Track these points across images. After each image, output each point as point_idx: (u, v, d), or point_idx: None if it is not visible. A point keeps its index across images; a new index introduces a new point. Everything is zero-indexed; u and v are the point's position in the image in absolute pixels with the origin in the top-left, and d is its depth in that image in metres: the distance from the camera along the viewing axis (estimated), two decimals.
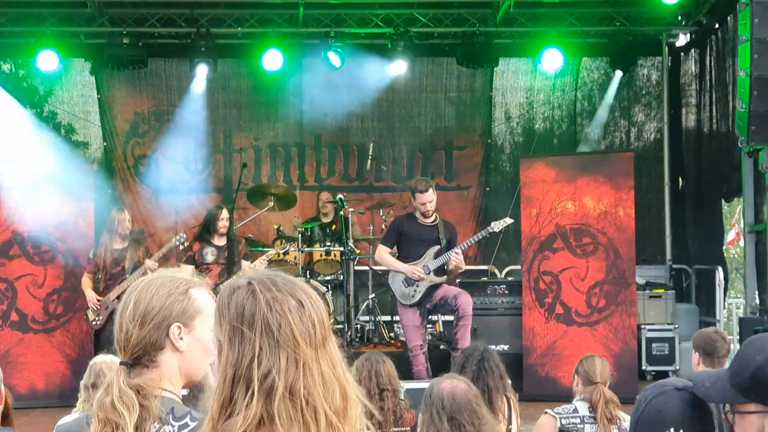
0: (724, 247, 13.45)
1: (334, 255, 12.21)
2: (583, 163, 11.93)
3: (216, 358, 2.21)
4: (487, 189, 14.97)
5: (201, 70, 13.74)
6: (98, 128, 14.72)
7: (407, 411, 5.79)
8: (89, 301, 10.83)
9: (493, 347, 6.93)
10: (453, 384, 4.58)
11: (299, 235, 12.21)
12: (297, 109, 14.82)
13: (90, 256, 10.98)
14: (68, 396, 5.58)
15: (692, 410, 2.72)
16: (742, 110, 9.87)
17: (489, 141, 15.01)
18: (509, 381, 6.35)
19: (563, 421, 5.87)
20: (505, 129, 15.06)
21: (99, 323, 10.76)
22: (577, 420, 5.87)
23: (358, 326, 12.08)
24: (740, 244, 12.44)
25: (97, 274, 10.91)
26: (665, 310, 12.30)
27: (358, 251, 12.21)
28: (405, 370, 9.41)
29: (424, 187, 10.22)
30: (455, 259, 10.10)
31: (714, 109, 13.49)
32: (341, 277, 12.19)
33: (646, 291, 12.29)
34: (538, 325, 11.45)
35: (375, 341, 11.95)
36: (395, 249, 10.45)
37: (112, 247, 10.86)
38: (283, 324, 2.13)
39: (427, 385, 4.78)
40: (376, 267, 12.05)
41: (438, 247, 10.18)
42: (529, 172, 11.82)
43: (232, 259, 10.90)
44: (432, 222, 10.26)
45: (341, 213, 12.08)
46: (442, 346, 11.56)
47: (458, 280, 11.09)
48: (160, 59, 14.38)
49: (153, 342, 2.86)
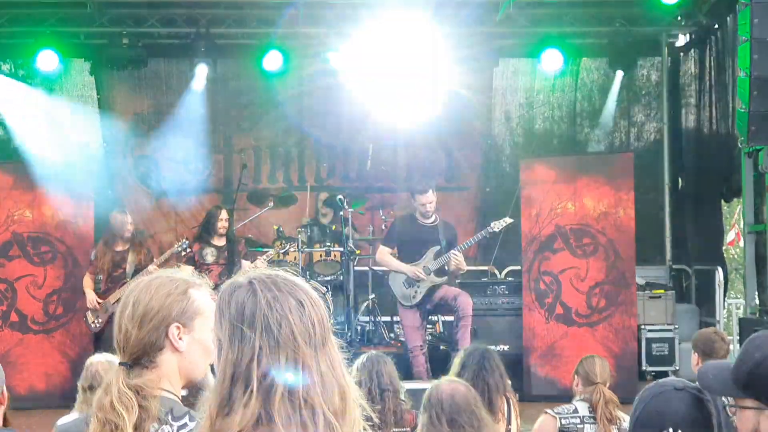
0: (724, 248, 13.45)
1: (334, 255, 12.20)
2: (583, 163, 11.94)
3: (216, 357, 2.21)
4: (487, 189, 14.96)
5: (201, 70, 13.73)
6: (98, 128, 14.69)
7: (407, 412, 5.79)
8: (89, 303, 10.81)
9: (493, 347, 6.93)
10: (453, 386, 4.59)
11: (299, 236, 12.19)
12: (297, 110, 14.80)
13: (91, 258, 10.98)
14: (69, 396, 5.59)
15: (691, 410, 2.73)
16: (742, 110, 9.87)
17: (489, 141, 15.00)
18: (509, 381, 6.35)
19: (563, 421, 5.87)
20: (505, 129, 15.05)
21: (98, 326, 10.73)
22: (577, 420, 5.87)
23: (358, 327, 12.07)
24: (740, 244, 12.44)
25: (98, 276, 10.90)
26: (665, 310, 12.30)
27: (358, 252, 12.20)
28: (405, 371, 9.41)
29: (423, 188, 10.23)
30: (455, 260, 10.10)
31: (714, 109, 13.48)
32: (341, 278, 12.18)
33: (646, 291, 12.29)
34: (538, 325, 11.45)
35: (375, 342, 11.95)
36: (396, 250, 10.46)
37: (113, 249, 10.85)
38: (283, 324, 2.13)
39: (427, 385, 4.79)
40: (376, 267, 12.05)
41: (438, 247, 10.18)
42: (529, 173, 11.82)
43: (232, 260, 10.89)
44: (432, 223, 10.26)
45: (341, 213, 12.08)
46: (442, 347, 11.56)
47: (458, 281, 11.09)
48: (159, 59, 14.36)
49: (152, 342, 2.86)
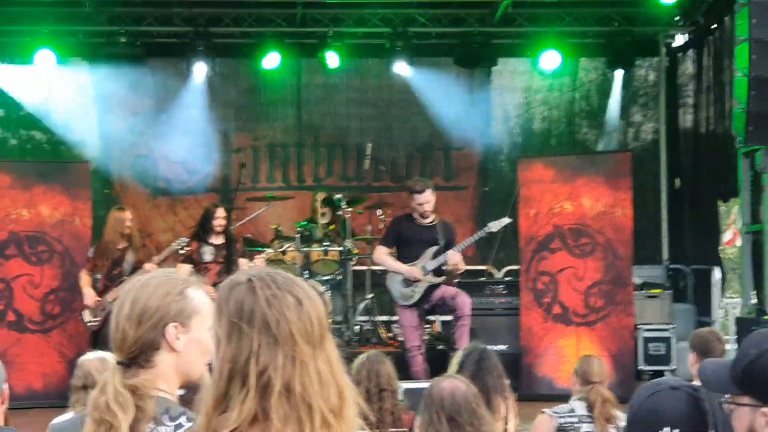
0: (721, 247, 13.45)
1: (333, 255, 12.20)
2: (581, 163, 11.94)
3: (214, 353, 2.20)
4: (485, 189, 14.97)
5: (199, 69, 13.73)
6: (95, 128, 14.68)
7: (405, 412, 5.79)
8: (87, 300, 10.77)
9: (491, 347, 6.93)
10: (453, 384, 4.59)
11: (297, 235, 12.18)
12: (295, 109, 14.82)
13: (89, 255, 10.96)
14: (66, 396, 5.59)
15: (687, 409, 2.74)
16: (739, 111, 9.87)
17: (487, 141, 15.00)
18: (507, 381, 6.36)
19: (560, 421, 5.88)
20: (503, 129, 15.05)
21: (96, 325, 10.70)
22: (575, 419, 5.88)
23: (357, 326, 12.08)
24: (737, 244, 12.45)
25: (96, 274, 10.88)
26: (662, 310, 12.30)
27: (356, 251, 12.20)
28: (403, 371, 9.40)
29: (420, 187, 10.23)
30: (453, 260, 10.10)
31: (711, 109, 13.49)
32: (339, 277, 12.19)
33: (644, 291, 12.29)
34: (536, 325, 11.46)
35: (373, 341, 11.95)
36: (394, 249, 10.46)
37: (113, 247, 10.83)
38: (281, 321, 2.13)
39: (425, 385, 4.79)
40: (374, 267, 12.05)
41: (436, 247, 10.18)
42: (527, 173, 11.83)
43: (231, 258, 10.88)
44: (430, 222, 10.26)
45: (339, 213, 12.08)
46: (440, 346, 11.56)
47: (456, 280, 11.09)
48: (157, 58, 14.34)
49: (149, 342, 2.86)
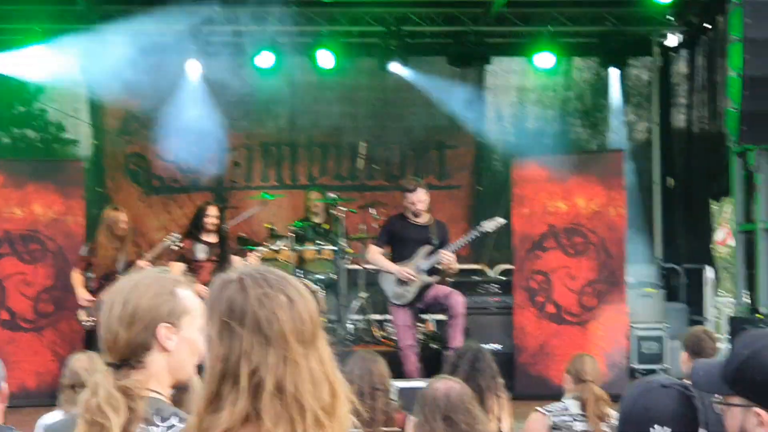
0: (714, 246, 13.47)
1: (326, 254, 12.20)
2: (574, 162, 11.95)
3: (205, 352, 2.20)
4: (479, 188, 14.99)
5: (193, 68, 13.70)
6: (88, 126, 14.68)
7: (397, 412, 5.80)
8: (81, 300, 10.77)
9: (484, 346, 6.94)
10: (448, 385, 4.60)
11: (291, 234, 12.19)
12: (289, 108, 14.82)
13: (83, 254, 10.94)
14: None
15: (678, 407, 2.75)
16: (732, 110, 9.89)
17: (480, 140, 15.02)
18: (502, 380, 6.36)
19: (554, 419, 5.89)
20: (497, 128, 15.06)
21: (92, 324, 10.66)
22: (568, 418, 5.89)
23: (350, 325, 12.08)
24: (730, 243, 12.47)
25: (88, 272, 10.87)
26: (655, 309, 12.34)
27: (350, 250, 12.20)
28: (396, 370, 9.41)
29: (413, 186, 10.24)
30: (447, 260, 10.11)
31: (704, 109, 13.51)
32: (333, 277, 12.19)
33: (637, 290, 12.31)
34: (529, 324, 11.46)
35: (366, 340, 11.95)
36: (388, 249, 10.46)
37: (107, 246, 10.81)
38: (273, 320, 2.12)
39: (418, 384, 4.80)
40: (368, 266, 12.05)
41: (430, 247, 10.19)
42: (520, 172, 11.84)
43: (224, 256, 10.86)
44: (424, 222, 10.27)
45: (333, 212, 12.08)
46: (433, 345, 11.57)
47: (450, 280, 11.10)
48: (151, 56, 14.30)
49: (141, 343, 2.85)
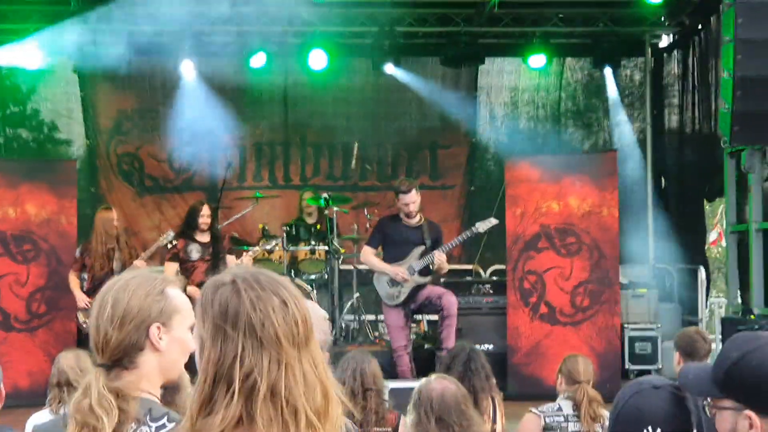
0: (707, 247, 13.50)
1: (319, 254, 12.20)
2: (567, 162, 11.95)
3: (198, 356, 2.19)
4: (472, 189, 15.00)
5: (186, 68, 13.70)
6: (81, 126, 14.66)
7: (390, 412, 5.79)
8: (79, 302, 10.76)
9: (477, 347, 6.94)
10: (442, 385, 4.60)
11: (284, 234, 12.19)
12: (282, 108, 14.82)
13: (76, 255, 10.93)
14: None
15: (670, 408, 2.74)
16: (725, 111, 9.90)
17: (473, 140, 15.04)
18: (495, 381, 6.37)
19: (547, 420, 5.89)
20: (490, 128, 15.08)
21: (89, 326, 10.63)
22: (561, 418, 5.89)
23: (343, 325, 12.08)
24: (722, 243, 12.49)
25: (83, 273, 10.86)
26: (648, 309, 12.35)
27: (342, 250, 12.20)
28: (389, 370, 9.42)
29: (406, 188, 10.23)
30: (438, 261, 10.11)
31: (696, 109, 13.54)
32: (326, 276, 12.19)
33: (630, 290, 12.32)
34: (522, 324, 11.47)
35: (359, 340, 11.95)
36: (380, 249, 10.46)
37: (101, 246, 10.80)
38: (266, 323, 2.11)
39: (411, 384, 4.80)
40: (360, 266, 12.05)
41: (423, 247, 10.18)
42: (513, 172, 11.84)
43: (218, 256, 10.84)
44: (416, 223, 10.26)
45: (326, 212, 12.08)
46: (426, 346, 11.57)
47: (442, 280, 11.10)
48: (144, 57, 14.31)
49: (133, 343, 2.85)
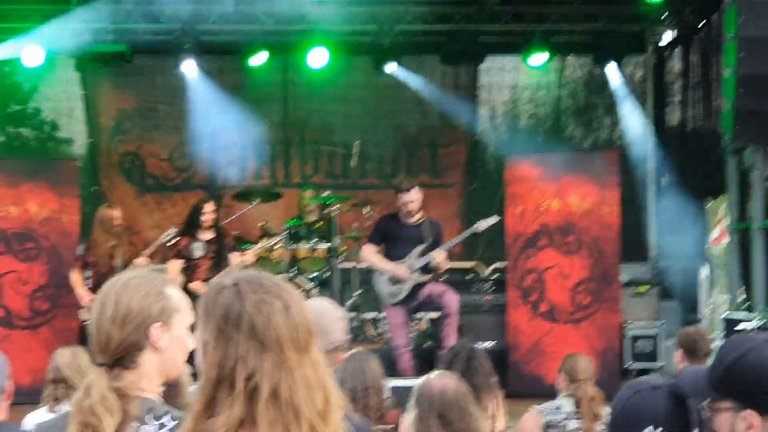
0: (708, 245, 13.48)
1: (320, 253, 12.20)
2: (568, 161, 11.95)
3: (199, 356, 2.20)
4: (472, 187, 15.00)
5: (185, 66, 13.71)
6: (82, 125, 14.68)
7: (391, 410, 5.79)
8: (82, 300, 10.77)
9: (478, 345, 6.95)
10: (443, 382, 4.60)
11: (284, 232, 12.19)
12: (282, 107, 14.82)
13: (79, 253, 10.94)
14: None
15: (669, 408, 2.75)
16: (727, 109, 9.90)
17: (474, 138, 15.04)
18: (496, 378, 6.37)
19: (548, 418, 5.91)
20: (490, 126, 15.08)
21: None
22: (562, 416, 5.91)
23: None
24: (724, 242, 12.48)
25: (86, 271, 10.88)
26: (649, 307, 12.34)
27: (343, 248, 12.21)
28: (390, 368, 9.42)
29: (407, 186, 10.25)
30: (437, 260, 10.11)
31: (698, 107, 13.53)
32: (327, 275, 12.19)
33: (631, 288, 12.32)
34: (522, 322, 11.47)
35: (360, 338, 11.96)
36: (381, 247, 10.46)
37: (103, 245, 10.81)
38: (269, 326, 2.12)
39: (412, 382, 4.80)
40: (361, 265, 12.06)
41: (423, 246, 10.19)
42: (513, 170, 11.85)
43: (221, 254, 10.84)
44: (417, 221, 10.27)
45: (326, 211, 12.08)
46: (427, 344, 11.58)
47: (443, 278, 11.11)
48: (144, 56, 14.32)
49: (134, 343, 2.87)
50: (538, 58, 13.77)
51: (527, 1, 13.72)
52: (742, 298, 11.67)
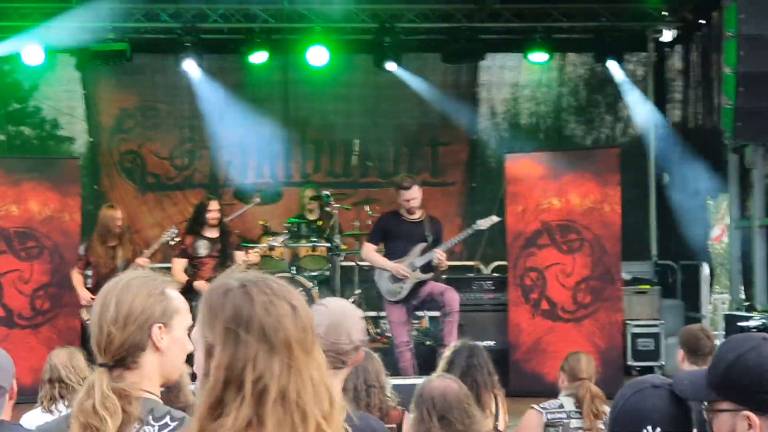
0: (710, 243, 13.50)
1: (321, 251, 12.21)
2: (569, 159, 11.95)
3: (201, 357, 2.18)
4: (473, 185, 14.99)
5: (186, 65, 13.70)
6: (83, 123, 14.67)
7: (394, 408, 5.79)
8: (82, 300, 10.78)
9: (479, 343, 6.94)
10: (444, 383, 4.60)
11: (285, 231, 12.19)
12: (283, 105, 14.81)
13: (80, 253, 10.94)
14: None
15: (670, 408, 2.74)
16: (728, 107, 9.90)
17: (474, 137, 15.03)
18: (497, 377, 6.37)
19: (549, 416, 5.90)
20: (491, 125, 15.08)
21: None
22: (563, 415, 5.90)
23: None
24: (725, 239, 12.49)
25: (87, 270, 10.88)
26: (651, 305, 12.33)
27: (344, 247, 12.21)
28: (391, 367, 9.40)
29: (408, 183, 10.23)
30: (437, 259, 10.11)
31: (699, 105, 13.53)
32: (327, 273, 12.19)
33: (632, 287, 12.31)
34: (523, 321, 11.47)
35: None
36: (382, 246, 10.46)
37: (105, 244, 10.81)
38: (278, 328, 2.12)
39: (413, 381, 4.80)
40: (362, 263, 12.06)
41: (424, 244, 10.19)
42: (514, 168, 11.84)
43: (226, 252, 10.84)
44: (418, 219, 10.26)
45: (327, 209, 12.08)
46: (428, 342, 11.58)
47: (444, 276, 11.10)
48: (145, 54, 14.32)
49: (135, 343, 2.87)
50: (538, 57, 13.76)
51: None
52: (742, 296, 11.68)
